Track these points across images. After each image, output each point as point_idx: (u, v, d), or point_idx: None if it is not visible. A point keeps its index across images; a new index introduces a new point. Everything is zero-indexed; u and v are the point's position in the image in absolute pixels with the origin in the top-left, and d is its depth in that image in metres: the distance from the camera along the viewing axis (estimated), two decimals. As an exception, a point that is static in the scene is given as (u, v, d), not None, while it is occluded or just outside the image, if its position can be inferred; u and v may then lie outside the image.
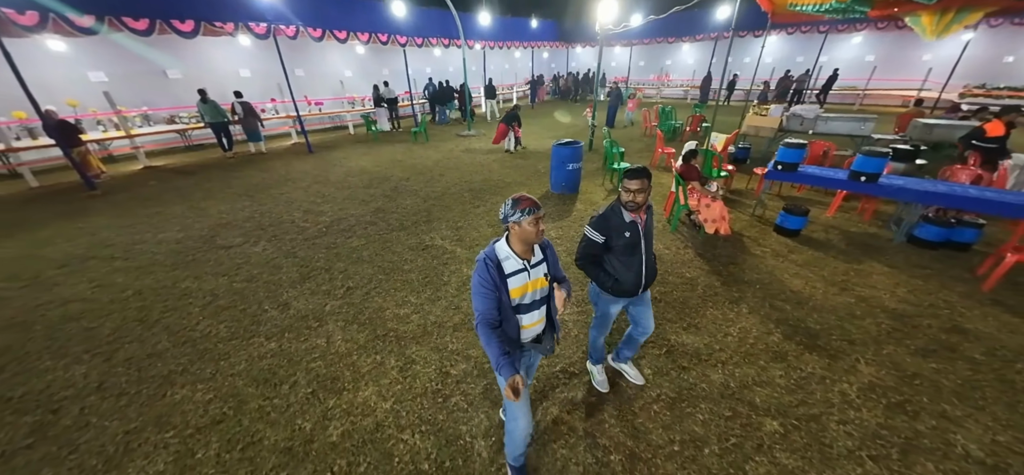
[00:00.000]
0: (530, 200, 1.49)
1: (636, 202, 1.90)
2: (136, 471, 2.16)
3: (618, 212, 1.99)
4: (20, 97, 6.83)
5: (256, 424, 2.43)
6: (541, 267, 1.65)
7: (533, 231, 1.49)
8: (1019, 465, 2.07)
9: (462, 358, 2.91)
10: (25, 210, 6.37)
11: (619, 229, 1.98)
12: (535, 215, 1.47)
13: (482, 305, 1.53)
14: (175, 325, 3.38)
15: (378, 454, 2.22)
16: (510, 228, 1.53)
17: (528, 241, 1.53)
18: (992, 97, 13.24)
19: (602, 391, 2.54)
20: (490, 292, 1.52)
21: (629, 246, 2.00)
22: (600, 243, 2.02)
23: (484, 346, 1.50)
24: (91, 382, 2.79)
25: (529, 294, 1.62)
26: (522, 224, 1.48)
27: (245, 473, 2.13)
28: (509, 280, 1.55)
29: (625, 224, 1.98)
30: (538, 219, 1.48)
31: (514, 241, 1.56)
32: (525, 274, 1.58)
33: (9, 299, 3.82)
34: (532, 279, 1.61)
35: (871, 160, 4.36)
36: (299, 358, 2.96)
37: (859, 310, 3.36)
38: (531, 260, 1.61)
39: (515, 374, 1.42)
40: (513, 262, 1.57)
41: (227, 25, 8.29)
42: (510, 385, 1.40)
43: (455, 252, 4.55)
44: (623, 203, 1.96)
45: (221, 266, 4.36)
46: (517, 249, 1.56)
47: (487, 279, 1.52)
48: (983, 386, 2.58)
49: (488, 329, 1.51)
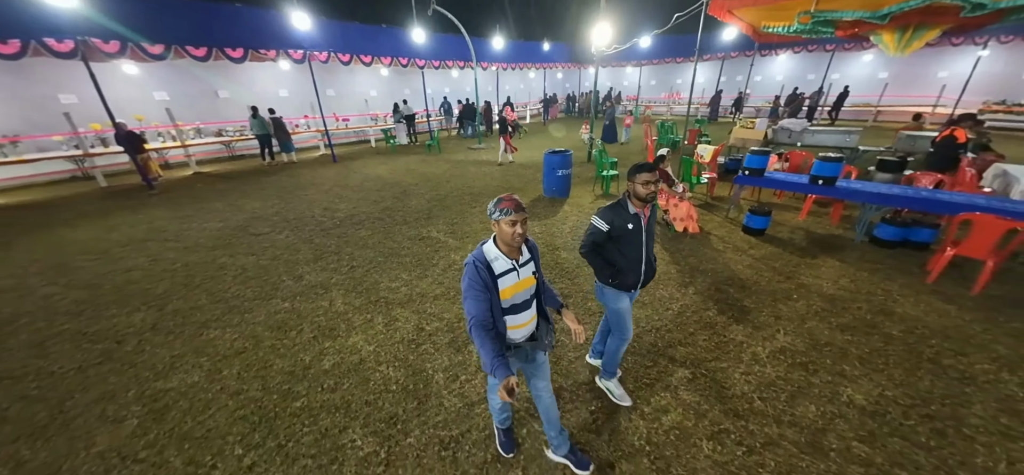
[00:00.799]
0: (512, 201, 1.48)
1: (652, 192, 1.99)
2: (178, 380, 2.84)
3: (625, 205, 2.09)
4: (97, 111, 8.19)
5: (268, 356, 3.07)
6: (529, 266, 1.65)
7: (509, 232, 1.48)
8: (896, 412, 2.40)
9: (437, 319, 3.48)
10: (97, 204, 7.56)
11: (624, 220, 2.07)
12: (511, 217, 1.46)
13: (474, 307, 1.51)
14: (212, 288, 4.14)
15: (358, 378, 2.81)
16: (493, 227, 1.55)
17: (506, 241, 1.52)
18: (1013, 114, 12.88)
19: (625, 405, 2.46)
20: (481, 293, 1.50)
21: (631, 238, 2.09)
22: (605, 232, 2.09)
23: (478, 348, 1.47)
24: (147, 324, 3.55)
25: (519, 294, 1.62)
26: (501, 224, 1.48)
27: (258, 385, 2.76)
28: (499, 280, 1.54)
29: (630, 216, 2.07)
30: (515, 221, 1.47)
31: (499, 241, 1.56)
32: (515, 274, 1.58)
33: (86, 267, 4.74)
34: (521, 279, 1.61)
35: (827, 165, 4.69)
36: (306, 314, 3.63)
37: (797, 294, 3.70)
38: (519, 260, 1.60)
39: (510, 375, 1.37)
40: (502, 262, 1.56)
41: (270, 52, 9.57)
42: (504, 386, 1.35)
43: (447, 242, 5.18)
44: (637, 196, 2.03)
45: (251, 248, 5.17)
46: (504, 249, 1.56)
47: (477, 281, 1.50)
48: (889, 355, 2.89)
49: (482, 331, 1.48)
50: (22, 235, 5.96)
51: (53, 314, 3.75)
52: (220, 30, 8.69)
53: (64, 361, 3.08)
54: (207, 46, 8.51)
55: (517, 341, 1.72)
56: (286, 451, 2.25)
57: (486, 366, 1.46)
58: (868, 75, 16.02)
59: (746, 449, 2.17)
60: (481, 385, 2.70)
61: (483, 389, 2.67)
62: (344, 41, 10.84)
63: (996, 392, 2.51)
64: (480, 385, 2.70)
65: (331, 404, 2.58)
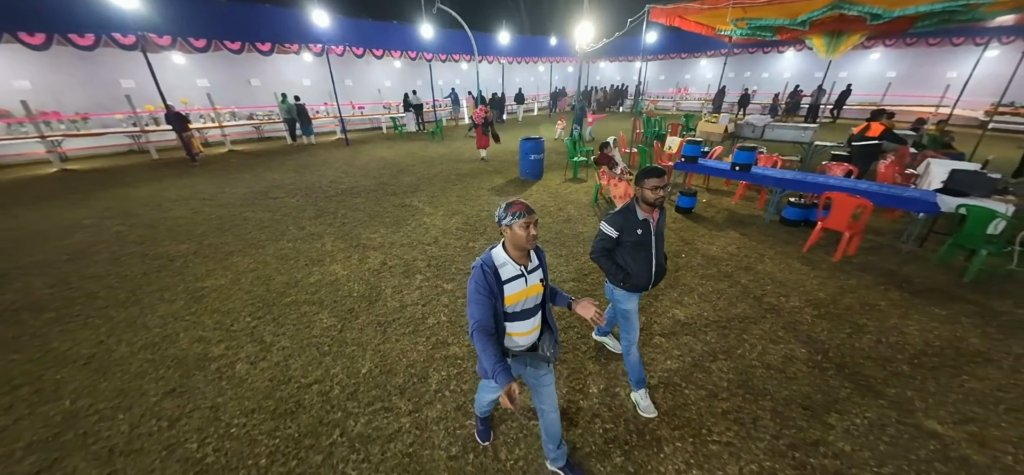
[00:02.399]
0: (522, 204, 1.49)
1: (660, 197, 2.01)
2: (210, 282, 4.05)
3: (633, 210, 2.10)
4: (151, 95, 9.73)
5: (272, 273, 4.25)
6: (537, 273, 1.64)
7: (524, 235, 1.48)
8: (701, 324, 3.28)
9: (398, 259, 4.56)
10: (150, 172, 9.12)
11: (632, 226, 2.08)
12: (526, 219, 1.47)
13: (478, 312, 1.50)
14: (237, 232, 5.40)
15: (332, 289, 3.93)
16: (504, 232, 1.54)
17: (520, 245, 1.52)
18: (1021, 116, 12.67)
19: (649, 416, 2.38)
20: (486, 299, 1.50)
21: (641, 243, 2.10)
22: (614, 238, 2.13)
23: (479, 352, 1.48)
24: (190, 251, 4.82)
25: (526, 300, 1.61)
26: (513, 228, 1.48)
27: (263, 288, 3.94)
28: (506, 286, 1.54)
29: (638, 222, 2.08)
30: (529, 223, 1.48)
31: (509, 246, 1.56)
32: (522, 280, 1.57)
33: (144, 214, 6.13)
34: (529, 285, 1.59)
35: (744, 153, 5.44)
36: (303, 251, 4.80)
37: (685, 253, 4.55)
38: (528, 266, 1.60)
39: (511, 381, 1.38)
40: (511, 268, 1.55)
41: (293, 46, 10.91)
42: (506, 393, 1.35)
43: (423, 209, 6.26)
44: (646, 201, 2.05)
45: (268, 207, 6.44)
46: (513, 254, 1.56)
47: (483, 285, 1.50)
48: (725, 293, 3.74)
49: (484, 336, 1.48)
50: (96, 191, 7.50)
51: (124, 242, 5.10)
52: (252, 27, 10.07)
53: (133, 269, 4.37)
54: (241, 41, 9.91)
55: (516, 349, 1.69)
56: (278, 321, 3.40)
57: (486, 371, 1.46)
58: (876, 73, 15.88)
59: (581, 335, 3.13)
60: (417, 293, 3.77)
61: (417, 296, 3.73)
62: (358, 36, 12.07)
63: (787, 318, 3.35)
64: (416, 293, 3.77)
65: (310, 300, 3.72)
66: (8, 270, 4.36)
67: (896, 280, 3.93)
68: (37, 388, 2.68)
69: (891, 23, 5.02)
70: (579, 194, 6.96)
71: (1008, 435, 2.23)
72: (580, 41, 9.25)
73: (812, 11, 4.84)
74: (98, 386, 2.70)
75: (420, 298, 3.72)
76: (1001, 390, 2.56)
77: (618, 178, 5.97)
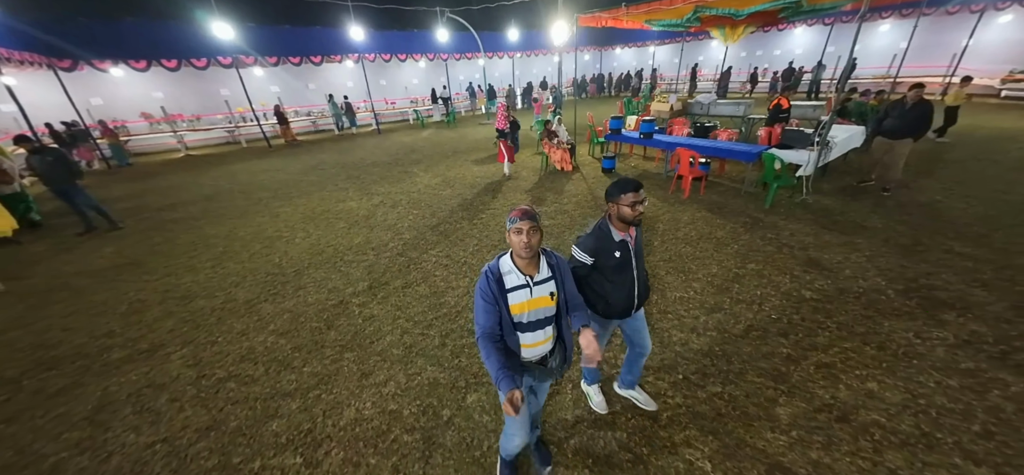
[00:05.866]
0: (519, 210, 1.44)
1: (639, 214, 1.75)
2: (283, 212, 6.81)
3: (606, 231, 1.86)
4: (241, 100, 13.21)
5: (315, 205, 6.92)
6: (547, 285, 1.55)
7: (516, 241, 1.44)
8: (560, 225, 5.30)
9: (392, 200, 7.01)
10: (242, 155, 12.60)
11: (608, 249, 1.86)
12: (516, 225, 1.43)
13: (482, 318, 1.49)
14: (296, 187, 8.24)
15: (347, 213, 6.48)
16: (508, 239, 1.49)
17: (518, 252, 1.48)
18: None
19: (600, 412, 2.41)
20: (490, 306, 1.49)
21: (620, 265, 1.89)
22: (589, 264, 1.91)
23: (484, 360, 1.44)
24: (269, 196, 7.69)
25: (530, 313, 1.54)
26: (509, 233, 1.45)
27: (309, 212, 6.60)
28: (509, 295, 1.50)
29: (615, 243, 1.85)
30: (520, 230, 1.42)
31: (514, 254, 1.52)
32: (527, 291, 1.51)
33: (241, 179, 9.26)
34: (534, 297, 1.52)
35: (647, 124, 7.13)
36: (335, 195, 7.45)
37: (585, 198, 6.47)
38: (535, 277, 1.53)
39: (514, 388, 1.33)
40: (515, 277, 1.51)
41: (337, 56, 13.94)
42: (508, 400, 1.30)
43: (418, 174, 8.70)
44: (623, 219, 1.78)
45: (316, 173, 9.31)
46: (518, 263, 1.51)
47: (487, 292, 1.49)
48: (592, 216, 5.67)
49: (489, 343, 1.46)
50: (209, 167, 10.96)
51: (231, 191, 8.14)
52: (307, 44, 13.22)
53: (238, 202, 7.30)
54: (300, 56, 13.09)
55: (526, 361, 1.64)
56: (316, 224, 6.01)
57: (492, 378, 1.42)
58: (888, 45, 15.52)
59: (476, 230, 5.34)
60: (395, 214, 6.19)
61: (395, 216, 6.15)
62: (387, 44, 14.87)
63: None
64: (394, 214, 6.19)
65: (335, 217, 6.28)
66: (174, 204, 7.52)
67: (715, 206, 5.58)
68: (206, 245, 5.49)
69: (762, 14, 6.31)
70: (536, 162, 8.99)
71: (701, 266, 4.09)
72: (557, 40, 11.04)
73: (685, 16, 6.35)
74: (232, 246, 5.44)
75: (396, 217, 6.12)
76: (718, 250, 4.35)
77: (556, 146, 7.95)
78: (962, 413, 2.30)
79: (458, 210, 6.22)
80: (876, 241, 4.31)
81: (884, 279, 3.61)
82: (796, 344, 2.90)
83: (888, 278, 3.62)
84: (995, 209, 4.87)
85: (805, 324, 3.10)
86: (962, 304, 3.20)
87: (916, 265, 3.80)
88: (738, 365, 2.75)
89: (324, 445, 2.37)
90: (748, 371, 2.69)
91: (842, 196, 5.68)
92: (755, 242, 4.48)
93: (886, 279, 3.61)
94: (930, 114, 5.18)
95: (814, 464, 2.07)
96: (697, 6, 6.01)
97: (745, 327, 3.13)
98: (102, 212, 6.31)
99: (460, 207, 6.34)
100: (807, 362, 2.73)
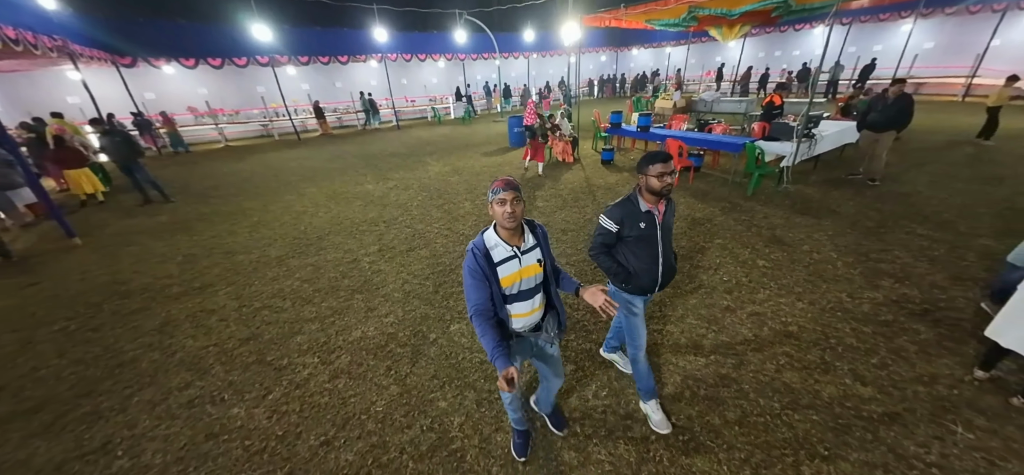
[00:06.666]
0: (501, 180, 1.45)
1: (668, 185, 1.77)
2: (308, 190, 7.63)
3: (635, 200, 1.89)
4: (275, 96, 14.35)
5: (337, 187, 7.70)
6: (534, 253, 1.57)
7: (499, 210, 1.44)
8: (546, 210, 5.82)
9: (403, 182, 7.70)
10: (275, 146, 13.72)
11: (634, 218, 1.87)
12: (500, 195, 1.43)
13: (474, 296, 1.50)
14: (322, 172, 9.09)
15: (364, 193, 7.21)
16: (490, 211, 1.49)
17: (501, 223, 1.48)
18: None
19: (662, 432, 2.15)
20: (480, 282, 1.49)
21: (644, 238, 1.90)
22: (614, 232, 1.93)
23: (479, 337, 1.45)
24: (298, 179, 8.56)
25: (521, 282, 1.55)
26: (492, 204, 1.46)
27: (332, 192, 7.37)
28: (499, 269, 1.50)
29: (641, 214, 1.86)
30: (504, 200, 1.42)
31: (498, 225, 1.52)
32: (516, 261, 1.52)
33: (273, 164, 10.23)
34: (524, 266, 1.54)
35: (644, 118, 7.53)
36: (354, 180, 8.22)
37: (581, 185, 6.95)
38: (521, 246, 1.54)
39: (509, 366, 1.34)
40: (502, 249, 1.51)
41: (362, 57, 14.93)
42: (504, 377, 1.31)
43: (429, 163, 9.40)
44: (651, 190, 1.81)
45: (340, 162, 10.17)
46: (502, 234, 1.52)
47: (476, 270, 1.48)
48: (576, 200, 6.15)
49: (481, 320, 1.46)
50: (247, 156, 12.06)
51: (266, 178, 9.07)
52: (335, 44, 14.26)
53: (271, 183, 8.18)
54: (329, 55, 14.12)
55: (520, 330, 1.65)
56: (336, 202, 6.76)
57: (488, 356, 1.43)
58: (912, 45, 15.11)
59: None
60: (407, 195, 6.87)
61: (407, 197, 6.82)
62: (409, 44, 15.76)
63: (583, 206, 5.71)
64: (406, 195, 6.87)
65: (353, 198, 7.02)
66: (217, 185, 8.49)
67: (700, 193, 5.95)
68: (244, 215, 6.32)
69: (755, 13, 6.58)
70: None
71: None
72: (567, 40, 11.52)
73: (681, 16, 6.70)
74: (265, 216, 6.24)
75: (408, 198, 6.79)
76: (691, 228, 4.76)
77: (558, 139, 8.46)
78: (866, 350, 2.69)
79: (462, 193, 6.83)
80: (843, 224, 4.60)
81: (837, 253, 3.94)
82: (737, 298, 3.32)
83: (841, 252, 3.96)
84: (974, 200, 5.04)
85: (750, 285, 3.51)
86: (903, 274, 3.52)
87: (872, 243, 4.10)
88: (681, 311, 3.21)
89: (335, 352, 3.00)
90: (688, 316, 3.15)
91: (826, 186, 5.93)
92: (728, 223, 4.85)
93: (838, 253, 3.94)
94: (910, 107, 5.39)
95: (723, 378, 2.52)
96: (691, 6, 6.38)
97: (696, 286, 3.56)
98: (157, 187, 7.30)
99: (465, 190, 6.95)
100: (742, 311, 3.15)
